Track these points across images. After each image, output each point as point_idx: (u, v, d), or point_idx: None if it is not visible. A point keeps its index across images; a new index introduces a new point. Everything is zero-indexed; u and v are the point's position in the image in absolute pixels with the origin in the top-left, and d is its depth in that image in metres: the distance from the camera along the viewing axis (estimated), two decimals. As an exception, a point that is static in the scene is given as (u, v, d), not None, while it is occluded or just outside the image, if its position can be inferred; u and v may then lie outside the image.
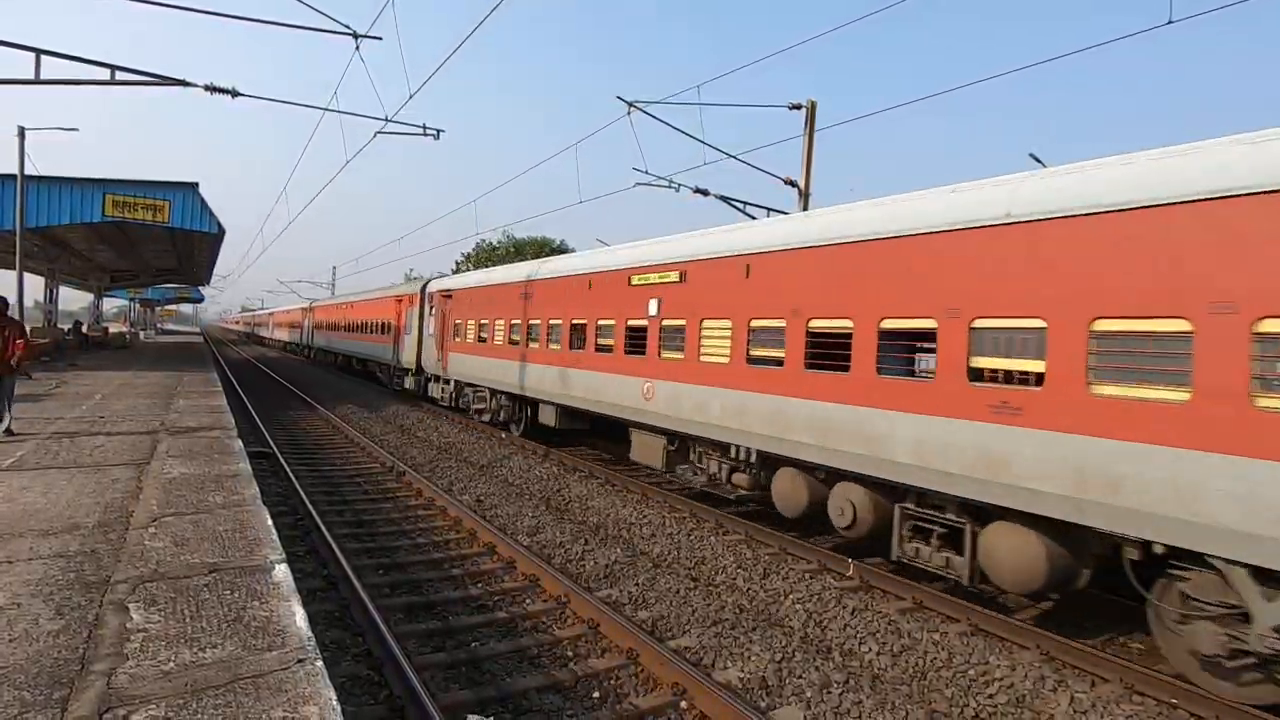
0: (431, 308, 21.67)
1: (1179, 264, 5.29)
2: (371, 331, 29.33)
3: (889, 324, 7.43)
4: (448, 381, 20.27)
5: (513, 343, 16.03)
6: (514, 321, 16.10)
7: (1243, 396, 4.87)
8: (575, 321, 13.61)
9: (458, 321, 19.43)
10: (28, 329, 12.14)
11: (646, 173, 16.07)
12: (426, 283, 23.34)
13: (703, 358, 10.09)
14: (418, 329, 22.87)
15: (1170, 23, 8.12)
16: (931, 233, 7.01)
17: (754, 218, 15.36)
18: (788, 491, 8.81)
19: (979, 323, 6.56)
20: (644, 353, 11.33)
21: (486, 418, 17.76)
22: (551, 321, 14.37)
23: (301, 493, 10.32)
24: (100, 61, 11.83)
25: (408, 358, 23.78)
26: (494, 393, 17.29)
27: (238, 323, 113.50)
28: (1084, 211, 5.88)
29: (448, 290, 20.60)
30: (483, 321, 17.84)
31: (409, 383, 24.10)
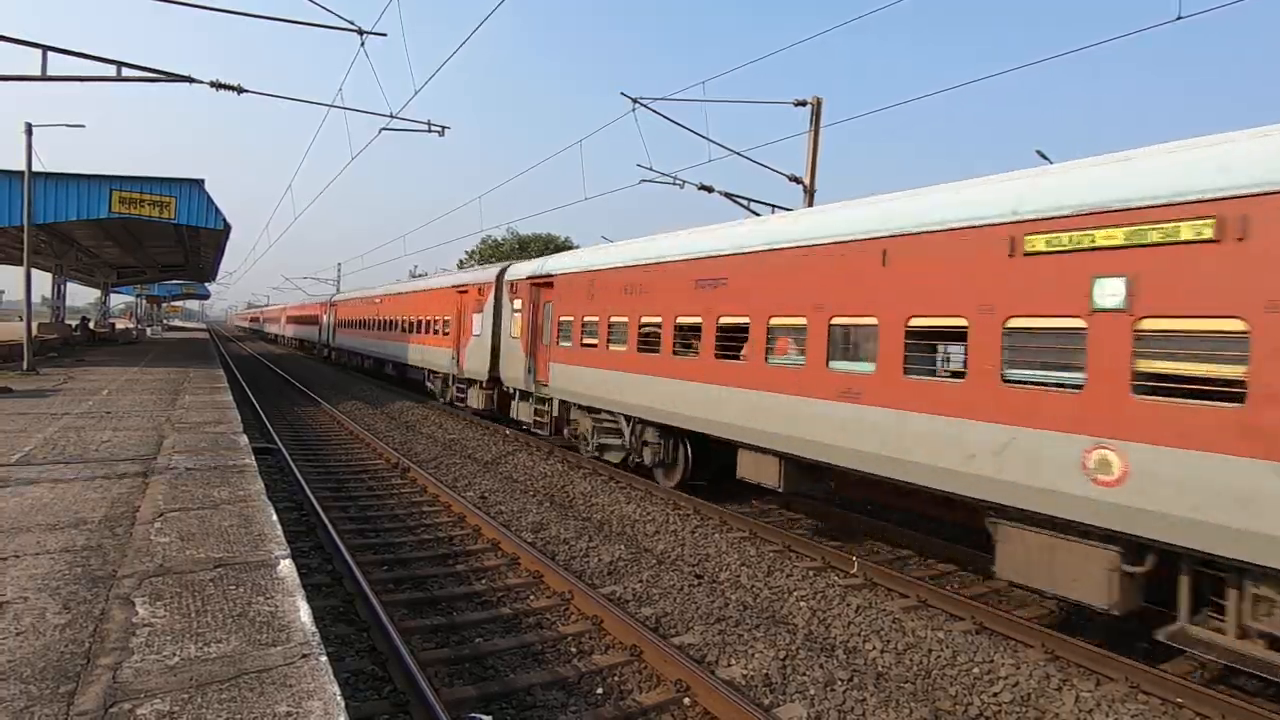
0: (516, 300, 16.34)
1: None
2: (420, 331, 23.48)
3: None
4: (545, 401, 14.85)
5: (681, 349, 10.64)
6: (686, 319, 10.50)
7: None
8: (854, 322, 8.06)
9: (566, 318, 13.95)
10: (34, 324, 12.18)
11: (651, 169, 16.05)
12: (505, 268, 17.81)
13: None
14: (491, 329, 17.42)
15: (1179, 19, 8.06)
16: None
17: (757, 213, 15.33)
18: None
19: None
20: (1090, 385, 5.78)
21: (616, 457, 12.65)
22: (784, 321, 8.90)
23: (306, 488, 10.36)
24: (107, 58, 11.86)
25: (474, 366, 18.29)
26: (636, 422, 11.92)
27: (251, 319, 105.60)
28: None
29: (545, 276, 14.87)
30: (616, 319, 12.27)
31: (476, 399, 18.59)
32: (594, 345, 12.81)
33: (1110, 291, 5.65)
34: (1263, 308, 4.86)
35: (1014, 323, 6.32)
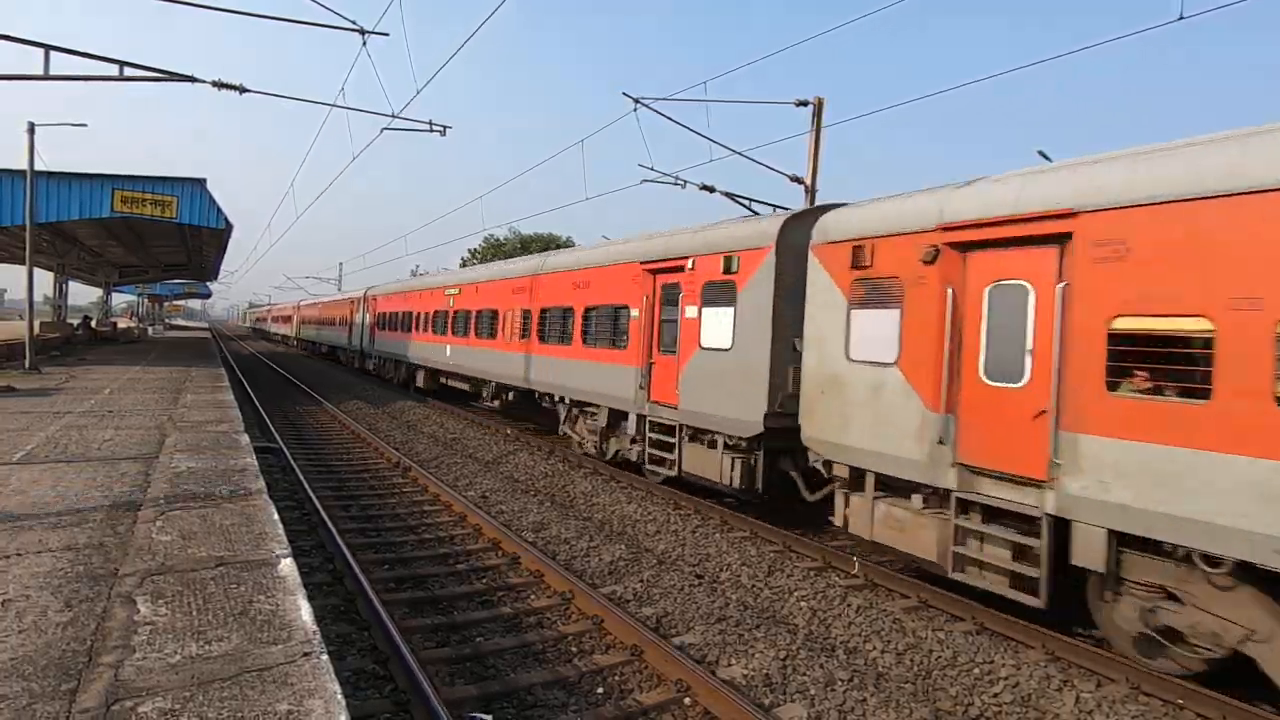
0: (860, 280, 7.73)
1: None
2: (554, 338, 14.48)
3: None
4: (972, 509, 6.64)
5: None
6: None
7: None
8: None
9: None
10: (37, 323, 12.21)
11: (652, 169, 16.04)
12: (798, 215, 9.49)
13: None
14: (760, 335, 9.16)
15: (1181, 18, 8.05)
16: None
17: (757, 213, 15.31)
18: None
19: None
20: None
21: None
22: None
23: (307, 487, 10.37)
24: (109, 58, 11.89)
25: (710, 403, 9.94)
26: None
27: (263, 318, 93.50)
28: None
29: (971, 223, 6.65)
30: None
31: (712, 467, 9.89)
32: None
33: None
34: None
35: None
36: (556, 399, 14.48)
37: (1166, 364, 5.39)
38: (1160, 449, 5.29)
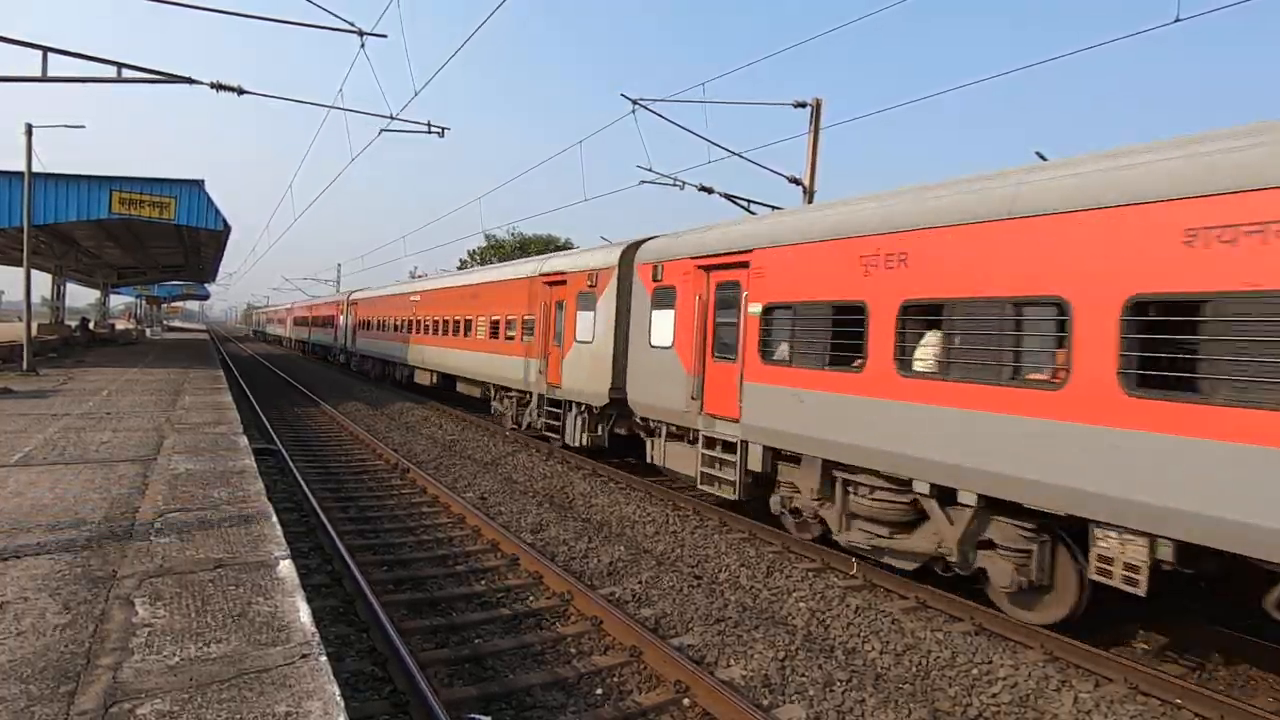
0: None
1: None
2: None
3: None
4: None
5: None
6: None
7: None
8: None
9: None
10: (34, 325, 12.21)
11: (651, 170, 16.06)
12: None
13: None
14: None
15: (1178, 20, 8.07)
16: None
17: (754, 213, 15.33)
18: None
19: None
20: None
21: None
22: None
23: (306, 489, 10.36)
24: (107, 59, 11.88)
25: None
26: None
27: (263, 320, 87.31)
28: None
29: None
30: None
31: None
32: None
33: None
34: None
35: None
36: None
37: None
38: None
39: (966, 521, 6.65)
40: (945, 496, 6.82)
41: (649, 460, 11.59)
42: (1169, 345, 5.24)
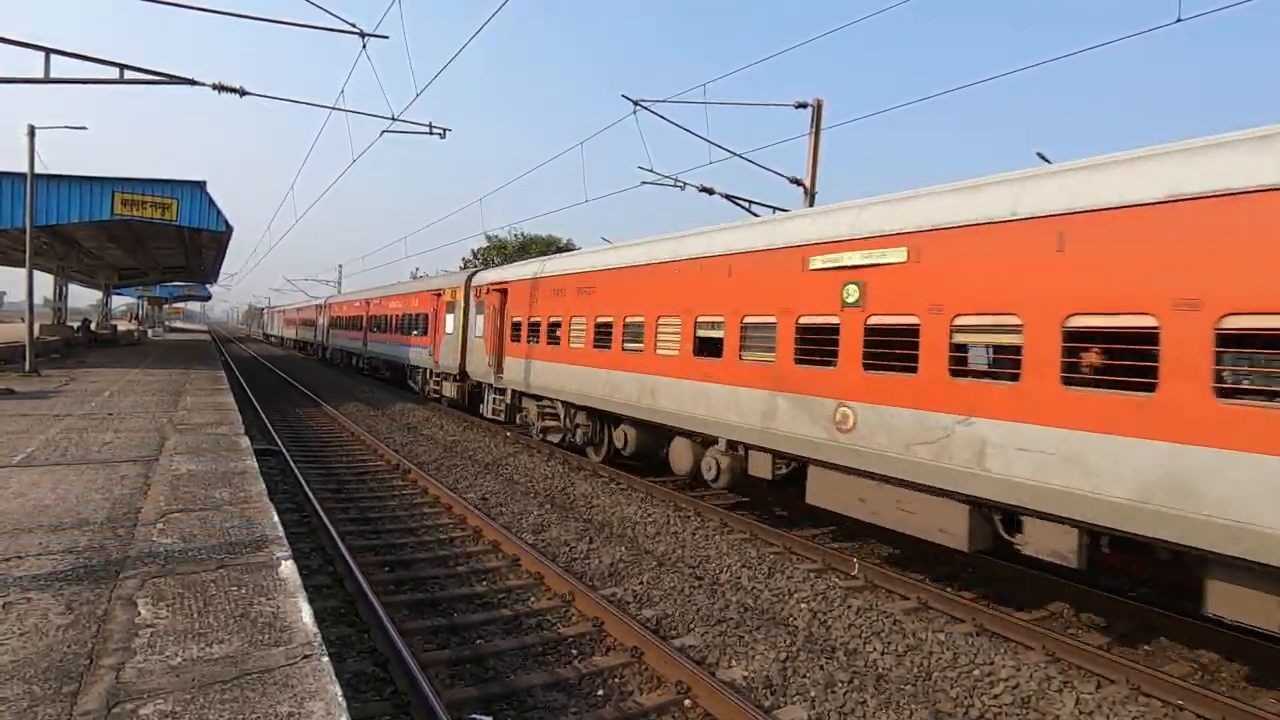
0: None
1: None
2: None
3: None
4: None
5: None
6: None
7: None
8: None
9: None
10: (36, 326, 12.23)
11: (652, 171, 16.07)
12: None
13: None
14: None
15: (1179, 20, 8.07)
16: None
17: (756, 214, 15.34)
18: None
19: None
20: None
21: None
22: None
23: (307, 489, 10.37)
24: (109, 60, 11.90)
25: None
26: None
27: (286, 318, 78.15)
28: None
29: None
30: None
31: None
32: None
33: None
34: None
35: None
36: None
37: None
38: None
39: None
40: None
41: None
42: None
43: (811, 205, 15.08)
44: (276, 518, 5.98)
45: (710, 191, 16.30)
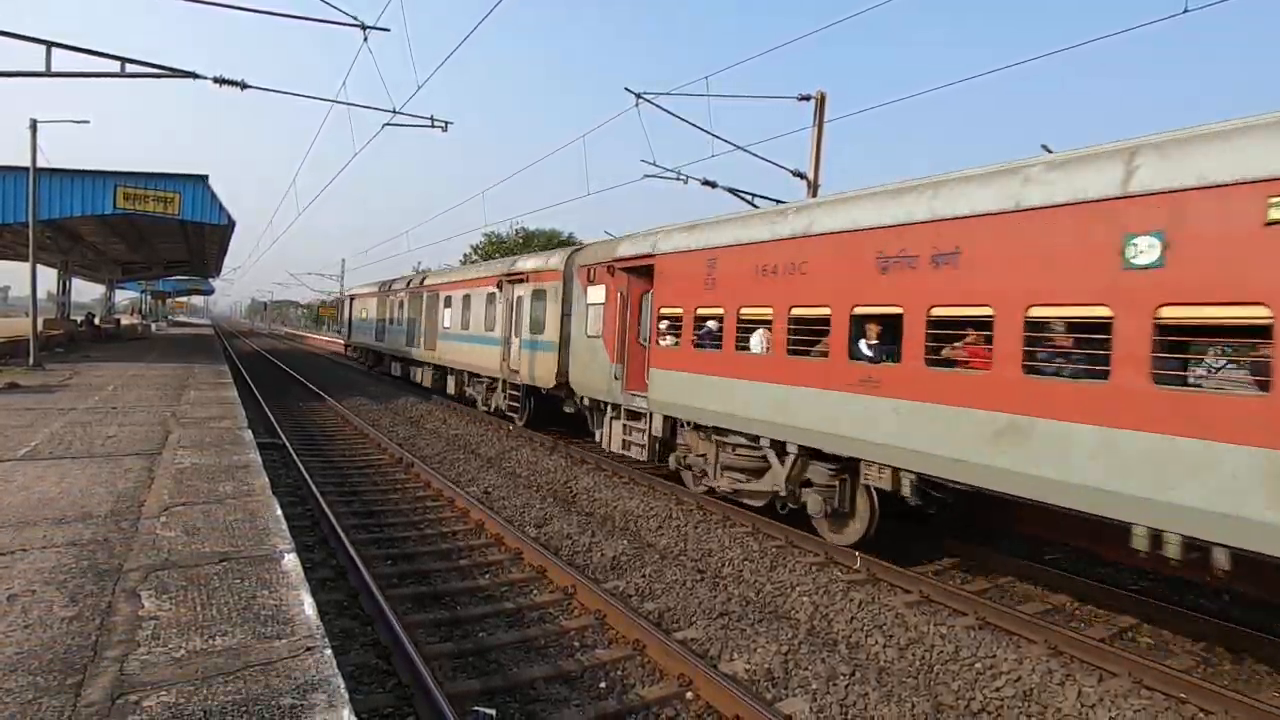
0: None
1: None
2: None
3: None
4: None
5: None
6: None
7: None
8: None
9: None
10: (40, 320, 12.26)
11: (654, 164, 16.02)
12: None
13: None
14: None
15: (1186, 11, 8.01)
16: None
17: (758, 207, 15.27)
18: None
19: None
20: None
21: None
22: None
23: (310, 483, 10.40)
24: (110, 54, 11.89)
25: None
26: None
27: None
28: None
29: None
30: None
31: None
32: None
33: None
34: None
35: None
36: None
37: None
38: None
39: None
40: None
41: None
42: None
43: (814, 195, 15.00)
44: (279, 511, 5.99)
45: (713, 185, 16.25)
